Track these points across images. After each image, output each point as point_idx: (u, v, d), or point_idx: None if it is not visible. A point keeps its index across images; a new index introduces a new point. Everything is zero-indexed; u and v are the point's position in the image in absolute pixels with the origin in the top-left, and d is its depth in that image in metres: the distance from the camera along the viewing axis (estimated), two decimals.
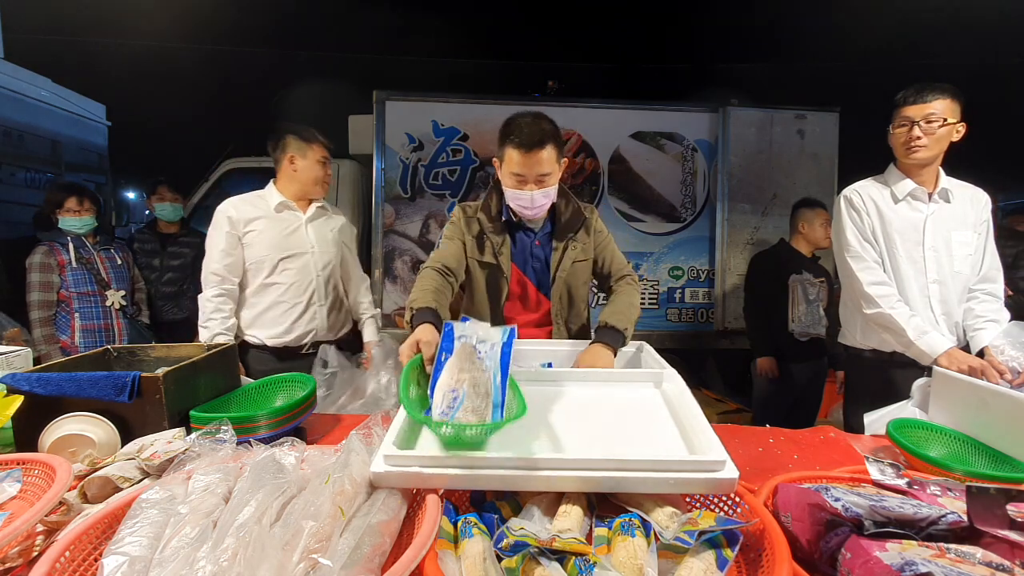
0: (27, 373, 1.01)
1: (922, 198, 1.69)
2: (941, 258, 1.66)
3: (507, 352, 0.99)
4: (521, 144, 1.38)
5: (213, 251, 1.87)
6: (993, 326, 1.60)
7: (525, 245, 1.60)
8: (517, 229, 1.59)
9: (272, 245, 1.91)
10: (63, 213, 2.57)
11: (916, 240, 1.67)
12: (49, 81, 4.60)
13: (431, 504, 0.69)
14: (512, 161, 1.41)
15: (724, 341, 3.59)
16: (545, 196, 1.46)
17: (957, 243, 1.67)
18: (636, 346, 1.45)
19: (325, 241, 2.03)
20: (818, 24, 7.66)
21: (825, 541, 0.65)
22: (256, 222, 1.91)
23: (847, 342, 1.85)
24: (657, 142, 3.59)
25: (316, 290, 1.98)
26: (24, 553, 0.68)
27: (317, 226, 2.03)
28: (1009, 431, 1.03)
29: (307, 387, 1.22)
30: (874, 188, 1.74)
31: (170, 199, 3.07)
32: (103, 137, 5.54)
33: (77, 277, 2.56)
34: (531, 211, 1.49)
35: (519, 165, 1.40)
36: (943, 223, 1.68)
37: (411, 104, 3.47)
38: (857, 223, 1.72)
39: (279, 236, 1.93)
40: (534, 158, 1.39)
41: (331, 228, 2.08)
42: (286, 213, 1.99)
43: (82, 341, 2.56)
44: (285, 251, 1.93)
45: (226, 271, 1.86)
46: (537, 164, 1.39)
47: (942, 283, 1.66)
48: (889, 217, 1.69)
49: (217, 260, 1.86)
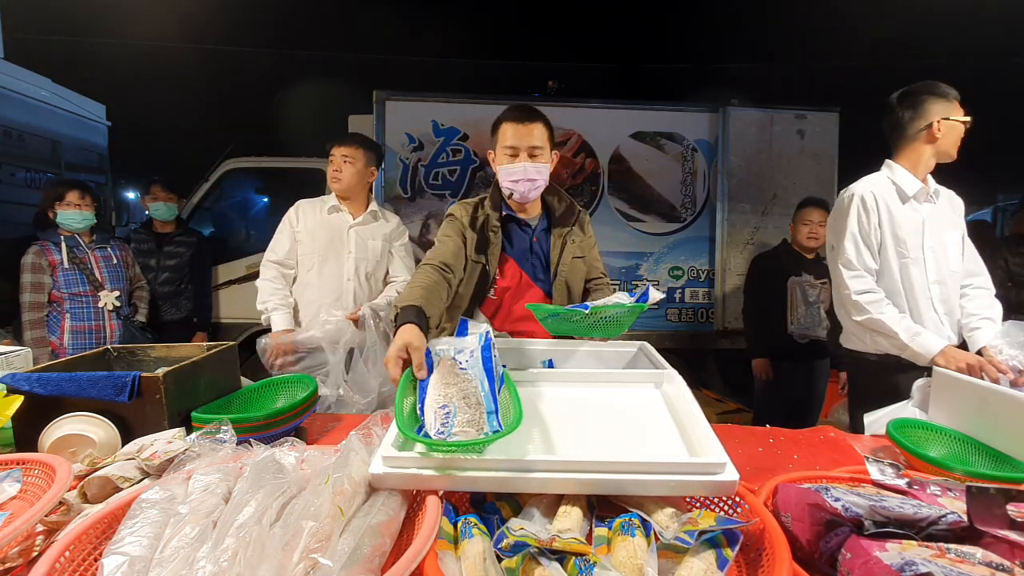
0: (27, 373, 1.01)
1: (921, 198, 1.68)
2: (939, 258, 1.66)
3: (487, 356, 0.99)
4: (514, 117, 1.47)
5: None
6: (989, 324, 1.60)
7: (524, 240, 1.61)
8: (515, 225, 1.61)
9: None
10: (63, 207, 2.53)
11: (918, 241, 1.66)
12: (49, 81, 4.59)
13: (431, 505, 0.69)
14: (506, 135, 1.47)
15: (724, 341, 3.59)
16: (537, 171, 1.48)
17: (950, 243, 1.68)
18: (637, 346, 1.45)
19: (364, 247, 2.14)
20: (818, 24, 7.66)
21: (825, 541, 0.65)
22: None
23: (850, 345, 1.81)
24: (657, 142, 3.59)
25: (344, 295, 2.08)
26: (24, 553, 0.68)
27: (360, 231, 2.14)
28: (1009, 431, 1.03)
29: (307, 387, 1.22)
30: (883, 188, 1.69)
31: (163, 198, 3.04)
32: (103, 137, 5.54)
33: (69, 278, 2.53)
34: (523, 185, 1.49)
35: (512, 137, 1.46)
36: (937, 223, 1.68)
37: (411, 104, 3.47)
38: (863, 226, 1.68)
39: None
40: (526, 129, 1.46)
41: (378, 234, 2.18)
42: (335, 216, 2.15)
43: (71, 342, 2.53)
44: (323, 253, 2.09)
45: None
46: (529, 136, 1.46)
47: (942, 283, 1.66)
48: (898, 219, 1.66)
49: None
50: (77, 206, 2.55)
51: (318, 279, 2.08)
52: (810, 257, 2.68)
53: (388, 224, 2.22)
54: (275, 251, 2.11)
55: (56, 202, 2.54)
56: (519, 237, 1.61)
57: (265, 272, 2.10)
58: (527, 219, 1.61)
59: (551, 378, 1.14)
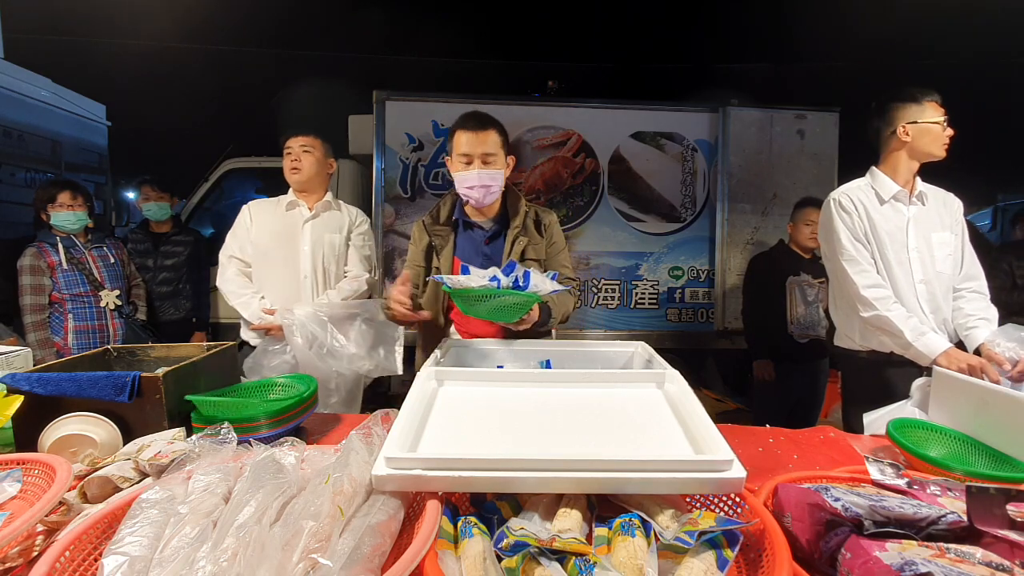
0: (27, 373, 1.01)
1: (904, 200, 1.74)
2: (924, 258, 1.71)
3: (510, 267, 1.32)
4: (467, 126, 1.52)
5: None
6: (985, 324, 1.64)
7: (474, 242, 1.63)
8: (467, 229, 1.64)
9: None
10: (55, 208, 2.51)
11: (901, 242, 1.71)
12: (49, 81, 4.60)
13: (431, 504, 0.69)
14: (460, 143, 1.52)
15: (724, 341, 3.59)
16: (491, 177, 1.51)
17: (937, 244, 1.72)
18: (635, 346, 1.45)
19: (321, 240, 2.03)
20: (818, 24, 7.66)
21: (825, 541, 0.65)
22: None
23: (843, 344, 1.85)
24: (657, 142, 3.59)
25: (302, 292, 1.98)
26: (24, 553, 0.68)
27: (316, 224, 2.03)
28: (1009, 431, 1.03)
29: (308, 387, 1.21)
30: (860, 191, 1.77)
31: (155, 198, 3.02)
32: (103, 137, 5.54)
33: (69, 278, 2.52)
34: (477, 191, 1.52)
35: (466, 145, 1.51)
36: (923, 225, 1.73)
37: (411, 104, 3.47)
38: (849, 225, 1.73)
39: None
40: (479, 137, 1.51)
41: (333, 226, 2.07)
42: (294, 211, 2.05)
43: (75, 342, 2.53)
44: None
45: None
46: (482, 144, 1.50)
47: (927, 283, 1.70)
48: (877, 219, 1.72)
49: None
50: (70, 207, 2.53)
51: (275, 279, 1.99)
52: (807, 257, 2.68)
53: (346, 215, 2.12)
54: (233, 249, 2.03)
55: (48, 204, 2.52)
56: (469, 240, 1.63)
57: (229, 266, 2.01)
58: (480, 222, 1.64)
59: (551, 378, 1.14)
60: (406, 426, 0.85)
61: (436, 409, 0.97)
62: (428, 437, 0.86)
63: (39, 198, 2.58)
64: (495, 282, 1.29)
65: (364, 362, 1.78)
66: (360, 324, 1.83)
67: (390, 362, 1.85)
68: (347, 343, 1.77)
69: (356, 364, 1.76)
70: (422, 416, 0.92)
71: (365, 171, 3.81)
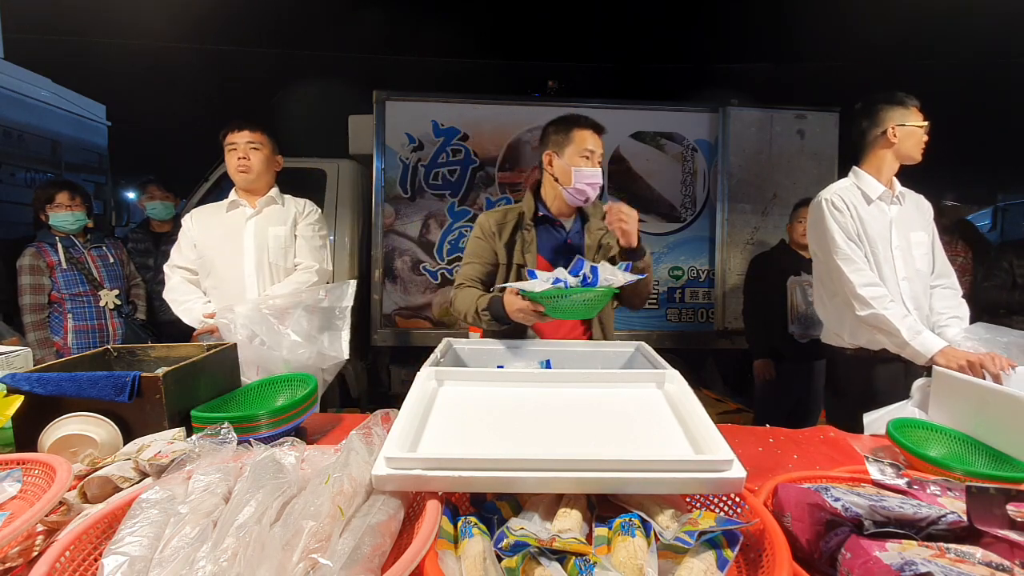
0: (27, 373, 1.01)
1: (887, 200, 1.78)
2: (906, 256, 1.76)
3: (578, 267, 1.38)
4: (591, 126, 1.59)
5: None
6: (956, 321, 1.71)
7: (557, 240, 1.66)
8: (549, 225, 1.67)
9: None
10: (54, 209, 2.52)
11: (886, 240, 1.75)
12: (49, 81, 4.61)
13: (431, 504, 0.69)
14: (584, 139, 1.57)
15: (724, 341, 3.59)
16: (602, 176, 1.60)
17: (915, 243, 1.77)
18: (634, 346, 1.45)
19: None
20: (818, 24, 7.66)
21: (825, 541, 0.65)
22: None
23: (831, 341, 1.88)
24: (657, 142, 3.59)
25: (246, 292, 1.91)
26: (24, 553, 0.68)
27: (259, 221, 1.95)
28: (1009, 431, 1.03)
29: (308, 387, 1.21)
30: (847, 191, 1.80)
31: (160, 197, 3.04)
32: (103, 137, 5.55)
33: (68, 278, 2.52)
34: (593, 189, 1.58)
35: (591, 142, 1.57)
36: (904, 224, 1.78)
37: (411, 104, 3.47)
38: (842, 224, 1.75)
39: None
40: (599, 140, 1.59)
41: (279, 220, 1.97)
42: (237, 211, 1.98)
43: (75, 342, 2.53)
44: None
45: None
46: (600, 145, 1.60)
47: (910, 280, 1.75)
48: (866, 219, 1.76)
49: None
50: (68, 207, 2.53)
51: (220, 281, 1.94)
52: (808, 257, 2.68)
53: (292, 206, 2.02)
54: (176, 259, 1.98)
55: (47, 204, 2.52)
56: (552, 236, 1.67)
57: (173, 276, 1.98)
58: (562, 219, 1.68)
59: (551, 378, 1.14)
60: (406, 426, 0.85)
61: (436, 409, 0.97)
62: (428, 437, 0.86)
63: (38, 198, 2.58)
64: (560, 283, 1.33)
65: (305, 349, 1.71)
66: (300, 312, 1.72)
67: (335, 348, 1.74)
68: (286, 331, 1.70)
69: (297, 352, 1.69)
70: (422, 416, 0.92)
71: (365, 171, 3.81)
